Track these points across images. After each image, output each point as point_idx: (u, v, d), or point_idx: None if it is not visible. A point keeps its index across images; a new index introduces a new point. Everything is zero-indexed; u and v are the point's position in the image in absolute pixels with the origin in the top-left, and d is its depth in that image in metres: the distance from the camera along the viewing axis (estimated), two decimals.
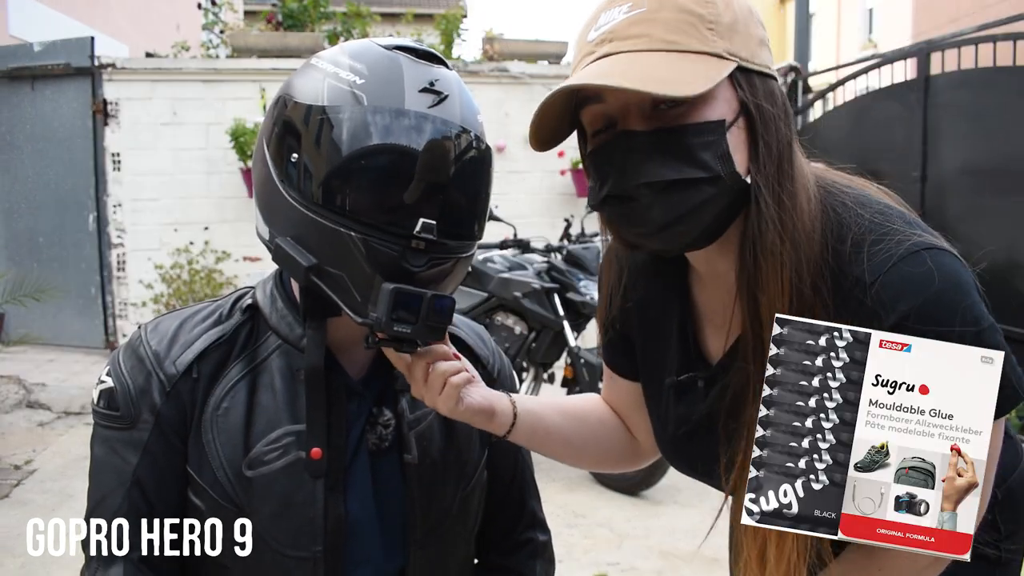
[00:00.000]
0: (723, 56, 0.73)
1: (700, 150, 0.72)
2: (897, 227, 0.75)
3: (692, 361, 0.90)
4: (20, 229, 5.83)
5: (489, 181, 0.88)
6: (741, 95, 0.74)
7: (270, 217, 0.85)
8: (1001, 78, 3.92)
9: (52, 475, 3.59)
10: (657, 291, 0.95)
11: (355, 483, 0.89)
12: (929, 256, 0.73)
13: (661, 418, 0.96)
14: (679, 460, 0.96)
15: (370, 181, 0.79)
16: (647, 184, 0.73)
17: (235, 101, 5.65)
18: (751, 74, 0.75)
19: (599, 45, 0.75)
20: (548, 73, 6.07)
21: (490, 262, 3.79)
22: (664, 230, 0.75)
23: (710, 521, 1.31)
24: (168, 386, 0.86)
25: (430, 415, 0.94)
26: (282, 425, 0.87)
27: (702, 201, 0.73)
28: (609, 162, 0.76)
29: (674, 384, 0.91)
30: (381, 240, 0.78)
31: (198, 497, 0.86)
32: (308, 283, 0.82)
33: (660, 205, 0.73)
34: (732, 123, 0.74)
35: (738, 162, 0.74)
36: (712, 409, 0.87)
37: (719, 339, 0.88)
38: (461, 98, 0.84)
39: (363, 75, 0.80)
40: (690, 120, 0.72)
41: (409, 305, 0.78)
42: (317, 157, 0.80)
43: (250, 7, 12.20)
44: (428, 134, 0.79)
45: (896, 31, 13.32)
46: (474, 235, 0.87)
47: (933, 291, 0.71)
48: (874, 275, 0.73)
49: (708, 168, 0.72)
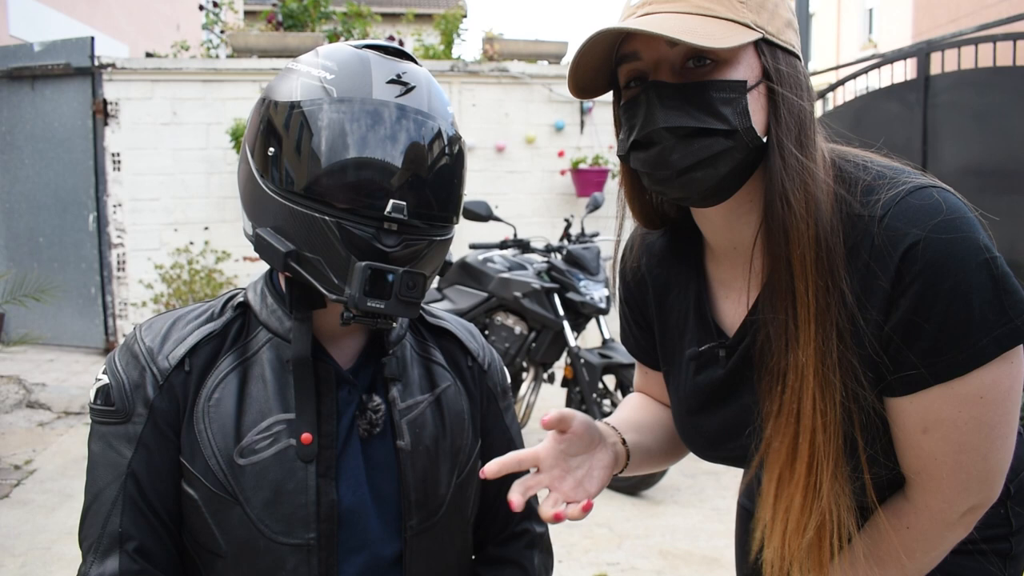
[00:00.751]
0: (750, 26, 0.79)
1: (721, 104, 0.78)
2: (906, 173, 0.82)
3: (711, 333, 0.94)
4: (20, 229, 5.83)
5: (460, 166, 0.92)
6: (764, 63, 0.81)
7: (251, 211, 0.90)
8: (1001, 78, 3.93)
9: (52, 475, 3.59)
10: (674, 272, 1.00)
11: (347, 469, 0.91)
12: (935, 191, 0.78)
13: (680, 394, 0.99)
14: (695, 434, 0.98)
15: (340, 168, 0.84)
16: (669, 129, 0.79)
17: (235, 101, 5.65)
18: (775, 48, 0.82)
19: (641, 7, 0.82)
20: (548, 73, 6.07)
21: (490, 262, 3.79)
22: (683, 174, 0.80)
23: (710, 521, 1.31)
24: (161, 380, 0.88)
25: (423, 403, 0.97)
26: (273, 414, 0.89)
27: (719, 151, 0.79)
28: (637, 111, 0.82)
29: (695, 356, 0.95)
30: (354, 223, 0.83)
31: (191, 486, 0.88)
32: (287, 268, 0.86)
33: (680, 150, 0.79)
34: (753, 87, 0.80)
35: (756, 122, 0.80)
36: (732, 375, 0.91)
37: (736, 310, 0.92)
38: (429, 89, 0.90)
39: (333, 71, 0.87)
40: (714, 77, 0.79)
41: (382, 281, 0.83)
42: (290, 149, 0.85)
43: (250, 7, 12.21)
44: (394, 121, 0.85)
45: (896, 31, 13.33)
46: (446, 218, 0.91)
47: (941, 219, 0.75)
48: (885, 209, 0.78)
49: (726, 121, 0.78)
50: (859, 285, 0.78)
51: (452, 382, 1.01)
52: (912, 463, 0.82)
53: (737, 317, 0.92)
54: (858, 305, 0.78)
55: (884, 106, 4.73)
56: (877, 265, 0.77)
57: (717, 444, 0.96)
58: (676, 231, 1.00)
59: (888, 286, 0.77)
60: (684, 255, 0.99)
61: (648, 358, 1.10)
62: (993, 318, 0.74)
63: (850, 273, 0.79)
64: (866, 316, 0.78)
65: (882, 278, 0.77)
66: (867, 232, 0.78)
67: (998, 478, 0.81)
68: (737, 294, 0.92)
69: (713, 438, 0.96)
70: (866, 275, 0.78)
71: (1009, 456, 0.81)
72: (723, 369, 0.92)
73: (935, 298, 0.74)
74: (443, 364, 1.02)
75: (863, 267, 0.78)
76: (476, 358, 1.06)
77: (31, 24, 7.57)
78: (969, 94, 4.13)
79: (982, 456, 0.79)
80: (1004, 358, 0.75)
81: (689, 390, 0.96)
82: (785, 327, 0.81)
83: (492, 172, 6.02)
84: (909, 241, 0.75)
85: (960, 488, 0.80)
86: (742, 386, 0.90)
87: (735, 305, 0.93)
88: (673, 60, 0.80)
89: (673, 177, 0.81)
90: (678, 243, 1.00)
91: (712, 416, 0.95)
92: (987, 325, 0.74)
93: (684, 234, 0.98)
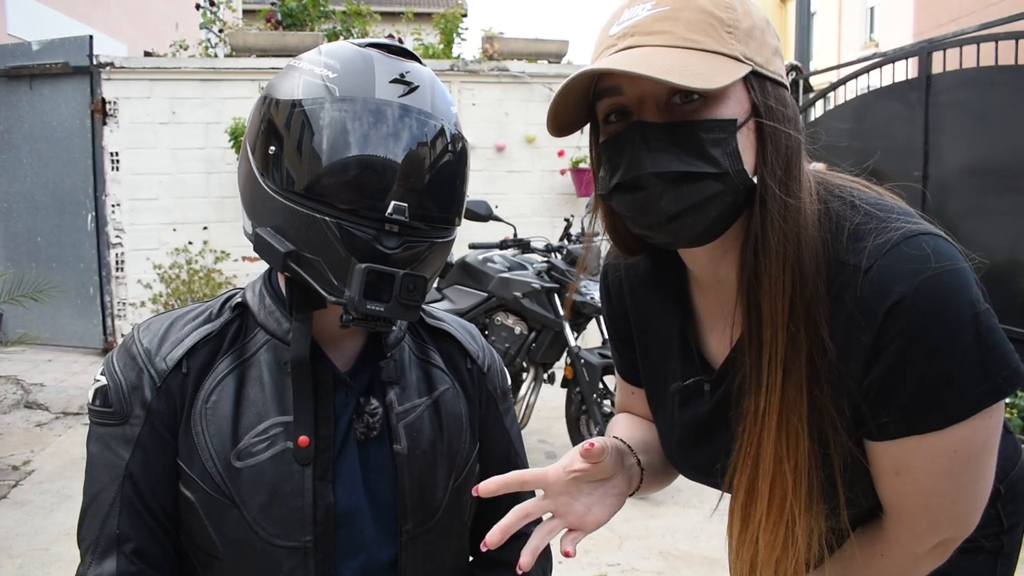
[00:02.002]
0: (739, 59, 0.75)
1: (710, 145, 0.74)
2: (894, 217, 0.77)
3: (696, 366, 0.91)
4: (18, 229, 5.82)
5: (463, 167, 0.91)
6: (753, 98, 0.76)
7: (251, 210, 0.89)
8: (1003, 77, 3.92)
9: (50, 476, 3.58)
10: (656, 302, 0.96)
11: (344, 473, 0.90)
12: (925, 240, 0.74)
13: (667, 424, 0.96)
14: (686, 465, 0.97)
15: (342, 167, 0.82)
16: (657, 174, 0.75)
17: (234, 100, 5.64)
18: (764, 80, 0.77)
19: (621, 39, 0.77)
20: (548, 72, 6.06)
21: (490, 262, 3.78)
22: (672, 221, 0.76)
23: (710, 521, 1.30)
24: (159, 381, 0.88)
25: (420, 407, 0.96)
26: (270, 417, 0.88)
27: (709, 196, 0.75)
28: (621, 151, 0.77)
29: (680, 390, 0.92)
30: (355, 224, 0.82)
31: (188, 489, 0.87)
32: (286, 269, 0.85)
33: (669, 196, 0.75)
34: (743, 124, 0.75)
35: (746, 162, 0.75)
36: (717, 409, 0.88)
37: (721, 343, 0.89)
38: (433, 89, 0.88)
39: (335, 69, 0.85)
40: (703, 116, 0.74)
41: (381, 284, 0.81)
42: (291, 147, 0.84)
43: (249, 6, 12.20)
44: (397, 120, 0.83)
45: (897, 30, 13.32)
46: (448, 220, 0.89)
47: (929, 274, 0.71)
48: (871, 260, 0.74)
49: (717, 164, 0.74)
50: (841, 335, 0.76)
51: (450, 385, 1.00)
52: (885, 499, 0.81)
53: (721, 350, 0.89)
54: (839, 354, 0.76)
55: (885, 105, 4.72)
56: (861, 318, 0.74)
57: (702, 470, 0.94)
58: (659, 256, 0.96)
59: (870, 341, 0.74)
60: (668, 282, 0.95)
61: (632, 376, 1.06)
62: (974, 377, 0.71)
63: (834, 321, 0.76)
64: (847, 366, 0.76)
65: (864, 332, 0.74)
66: (851, 283, 0.75)
67: (970, 518, 0.80)
68: (723, 326, 0.88)
69: (697, 465, 0.94)
70: (849, 326, 0.75)
71: (983, 496, 0.79)
72: (708, 404, 0.89)
73: (916, 357, 0.72)
74: (441, 367, 1.01)
75: (846, 318, 0.75)
76: (476, 360, 1.05)
77: (29, 23, 7.56)
78: (971, 93, 4.12)
79: (951, 500, 0.78)
80: (982, 414, 0.73)
81: (675, 421, 0.94)
82: (749, 371, 0.79)
83: (492, 172, 6.01)
84: (894, 298, 0.72)
85: (929, 526, 0.80)
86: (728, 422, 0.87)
87: (721, 337, 0.89)
88: (658, 96, 0.75)
89: (661, 223, 0.77)
90: (661, 269, 0.95)
91: (699, 449, 0.92)
92: (967, 385, 0.71)
93: (667, 260, 0.94)
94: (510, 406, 1.09)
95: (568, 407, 3.59)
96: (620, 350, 1.06)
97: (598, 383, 3.45)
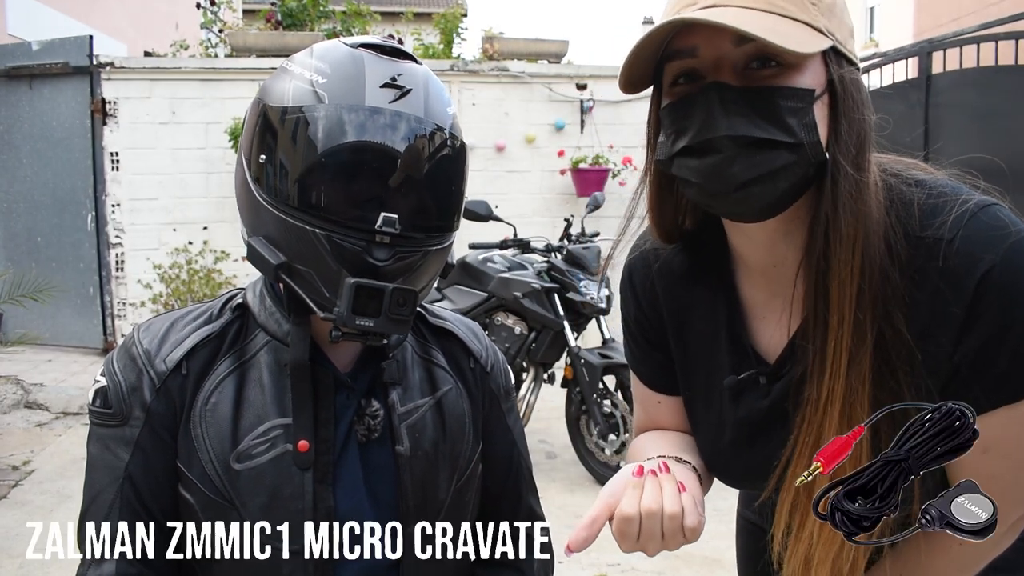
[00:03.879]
0: (823, 32, 0.73)
1: (788, 114, 0.72)
2: (959, 190, 0.78)
3: (749, 359, 0.88)
4: (18, 229, 5.81)
5: (460, 171, 0.89)
6: (831, 72, 0.75)
7: (245, 217, 0.89)
8: (1003, 77, 3.92)
9: (50, 476, 3.58)
10: (697, 292, 0.93)
11: (345, 475, 0.90)
12: (998, 209, 0.75)
13: (715, 425, 0.92)
14: (738, 467, 0.92)
15: (331, 178, 0.81)
16: (732, 138, 0.72)
17: (234, 100, 5.63)
18: (841, 57, 0.76)
19: None
20: (548, 72, 6.04)
21: (490, 262, 3.78)
22: (741, 189, 0.74)
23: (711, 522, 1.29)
24: (158, 383, 0.87)
25: (422, 407, 0.95)
26: (270, 419, 0.88)
27: (782, 165, 0.73)
28: (690, 114, 0.74)
29: (732, 385, 0.88)
30: (344, 236, 0.81)
31: (188, 492, 0.87)
32: (278, 280, 0.85)
33: (742, 161, 0.72)
34: (819, 96, 0.74)
35: (820, 135, 0.74)
36: (776, 404, 0.85)
37: (775, 333, 0.87)
38: (427, 91, 0.86)
39: (325, 74, 0.83)
40: (782, 83, 0.72)
41: (371, 299, 0.80)
42: (280, 158, 0.83)
43: (249, 6, 12.19)
44: (387, 128, 0.81)
45: (897, 30, 13.32)
46: (444, 227, 0.88)
47: (1013, 240, 0.72)
48: (953, 231, 0.74)
49: (793, 134, 0.72)
50: (926, 311, 0.74)
51: (453, 385, 1.00)
52: None
53: (776, 341, 0.86)
54: (922, 335, 0.74)
55: (886, 105, 4.71)
56: (949, 290, 0.73)
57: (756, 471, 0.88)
58: (694, 246, 0.92)
59: (962, 313, 0.73)
60: (708, 272, 0.91)
61: (662, 382, 1.00)
62: None
63: (915, 300, 0.74)
64: (930, 345, 0.74)
65: (954, 304, 0.73)
66: (933, 255, 0.74)
67: None
68: (777, 316, 0.85)
69: (758, 470, 0.87)
70: (934, 301, 0.74)
71: None
72: (766, 399, 0.86)
73: (1012, 323, 0.72)
74: (444, 366, 1.01)
75: (931, 293, 0.74)
76: (479, 359, 1.04)
77: (29, 23, 7.55)
78: (971, 93, 4.12)
79: None
80: None
81: (726, 420, 0.90)
82: (813, 358, 0.77)
83: (492, 172, 6.00)
84: (985, 267, 0.72)
85: (1016, 501, 0.78)
86: (786, 416, 0.83)
87: (774, 328, 0.86)
88: (736, 60, 0.73)
89: (730, 190, 0.74)
90: (699, 261, 0.92)
91: (755, 449, 0.88)
92: None
93: (705, 249, 0.91)
94: (513, 405, 1.09)
95: (568, 407, 3.59)
96: (647, 354, 1.00)
97: (598, 383, 3.44)
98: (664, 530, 0.75)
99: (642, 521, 0.75)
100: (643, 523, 0.75)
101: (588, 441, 3.50)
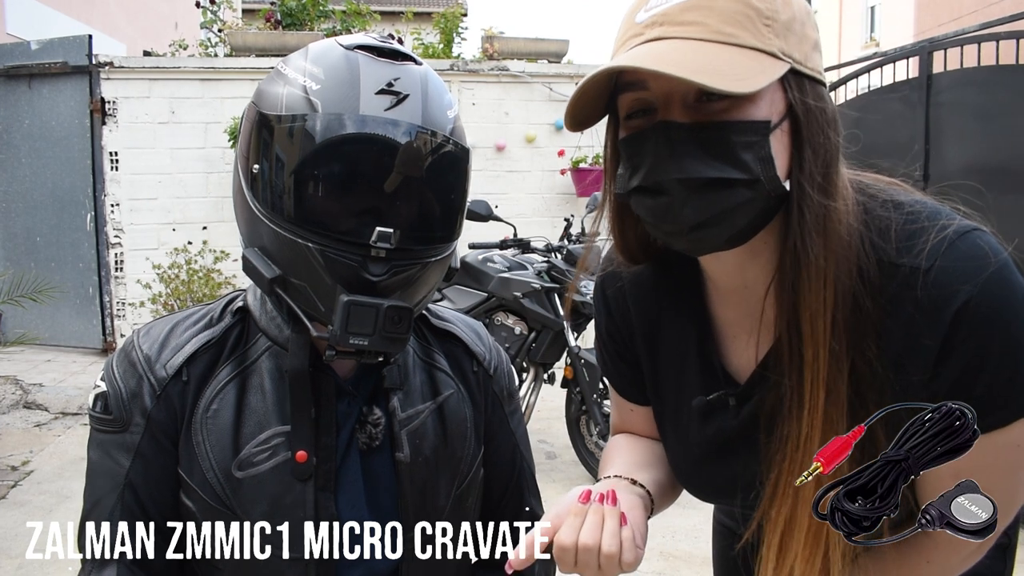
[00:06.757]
0: (777, 55, 0.69)
1: (742, 150, 0.68)
2: (936, 213, 0.74)
3: (718, 380, 0.86)
4: (17, 229, 5.81)
5: (460, 179, 0.86)
6: (790, 97, 0.71)
7: (242, 227, 0.87)
8: (1004, 76, 3.90)
9: (49, 476, 3.57)
10: (668, 308, 0.91)
11: (346, 483, 0.89)
12: (978, 236, 0.72)
13: (682, 442, 0.91)
14: (705, 484, 0.92)
15: (323, 191, 0.79)
16: (682, 180, 0.69)
17: (233, 100, 5.62)
18: (802, 78, 0.72)
19: (648, 28, 0.71)
20: (548, 72, 6.04)
21: (490, 262, 3.77)
22: (695, 230, 0.71)
23: (710, 522, 1.28)
24: (158, 389, 0.86)
25: (424, 412, 0.94)
26: (271, 426, 0.87)
27: (737, 204, 0.70)
28: (642, 151, 0.72)
29: (701, 405, 0.86)
30: (339, 251, 0.78)
31: (189, 499, 0.86)
32: (272, 294, 0.83)
33: (693, 204, 0.69)
34: (776, 125, 0.70)
35: (779, 167, 0.70)
36: (745, 425, 0.83)
37: (744, 352, 0.84)
38: (425, 96, 0.82)
39: (319, 79, 0.80)
40: (734, 117, 0.69)
41: (364, 316, 0.78)
42: (273, 169, 0.80)
43: (248, 6, 12.19)
44: (382, 138, 0.78)
45: (898, 29, 13.31)
46: (442, 237, 0.86)
47: (991, 271, 0.70)
48: (930, 260, 0.71)
49: (748, 170, 0.69)
50: (900, 340, 0.72)
51: (455, 389, 0.98)
52: None
53: (747, 360, 0.84)
54: (895, 364, 0.72)
55: (886, 105, 4.71)
56: (924, 321, 0.70)
57: (722, 489, 0.88)
58: (665, 264, 0.89)
59: (936, 344, 0.70)
60: (680, 291, 0.89)
61: (633, 393, 0.99)
62: None
63: (887, 329, 0.72)
64: (902, 375, 0.72)
65: (928, 336, 0.70)
66: (909, 284, 0.71)
67: (1018, 507, 0.78)
68: (747, 335, 0.83)
69: (724, 488, 0.88)
70: (909, 330, 0.71)
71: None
72: (735, 419, 0.84)
73: (987, 356, 0.69)
74: (447, 371, 0.99)
75: (906, 322, 0.71)
76: (482, 362, 1.02)
77: (28, 22, 7.55)
78: (972, 93, 4.10)
79: (1010, 495, 0.76)
80: None
81: (693, 439, 0.88)
82: (790, 393, 0.74)
83: (492, 171, 6.00)
84: (962, 299, 0.69)
85: None
86: (756, 437, 0.81)
87: (744, 347, 0.84)
88: (686, 93, 0.69)
89: (684, 232, 0.71)
90: (670, 278, 0.89)
91: (722, 467, 0.87)
92: None
93: (675, 268, 0.88)
94: (516, 407, 1.07)
95: (568, 407, 3.58)
96: (619, 367, 0.98)
97: (598, 383, 3.44)
98: (600, 563, 0.74)
99: (578, 554, 0.74)
100: (579, 556, 0.74)
101: (588, 441, 3.49)
